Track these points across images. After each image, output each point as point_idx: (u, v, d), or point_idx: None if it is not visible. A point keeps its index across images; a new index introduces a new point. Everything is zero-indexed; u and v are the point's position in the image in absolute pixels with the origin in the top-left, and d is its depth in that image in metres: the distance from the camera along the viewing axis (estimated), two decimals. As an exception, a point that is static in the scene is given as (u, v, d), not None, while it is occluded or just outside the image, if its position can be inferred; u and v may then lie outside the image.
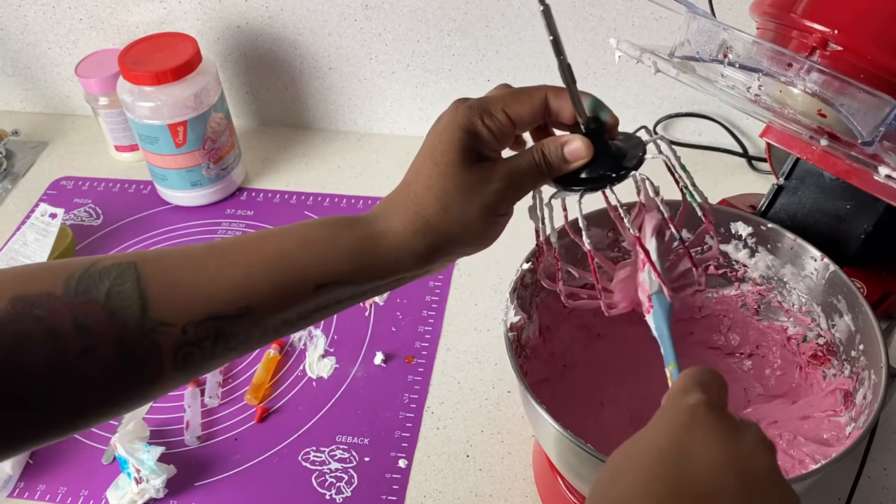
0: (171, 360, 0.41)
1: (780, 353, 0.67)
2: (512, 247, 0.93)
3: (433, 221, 0.43)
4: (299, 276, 0.43)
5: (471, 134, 0.43)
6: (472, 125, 0.43)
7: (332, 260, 0.43)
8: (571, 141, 0.44)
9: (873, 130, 0.51)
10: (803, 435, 0.60)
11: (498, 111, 0.44)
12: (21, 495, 0.69)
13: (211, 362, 0.43)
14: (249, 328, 0.43)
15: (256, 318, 0.42)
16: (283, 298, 0.43)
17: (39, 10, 1.02)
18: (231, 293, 0.42)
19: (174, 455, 0.71)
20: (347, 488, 0.68)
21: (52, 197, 1.00)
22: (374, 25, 0.96)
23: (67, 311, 0.39)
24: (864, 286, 0.61)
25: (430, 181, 0.43)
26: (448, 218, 0.43)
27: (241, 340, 0.43)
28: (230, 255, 0.43)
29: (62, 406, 0.40)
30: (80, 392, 0.40)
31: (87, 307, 0.39)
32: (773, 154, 0.73)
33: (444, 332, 0.81)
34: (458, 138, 0.43)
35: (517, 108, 0.44)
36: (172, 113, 0.88)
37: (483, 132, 0.43)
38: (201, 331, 0.41)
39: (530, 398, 0.52)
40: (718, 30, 0.55)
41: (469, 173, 0.43)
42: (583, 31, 0.92)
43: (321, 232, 0.44)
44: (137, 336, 0.40)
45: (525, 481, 0.68)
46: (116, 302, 0.40)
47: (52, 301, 0.39)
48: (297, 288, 0.43)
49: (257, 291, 0.42)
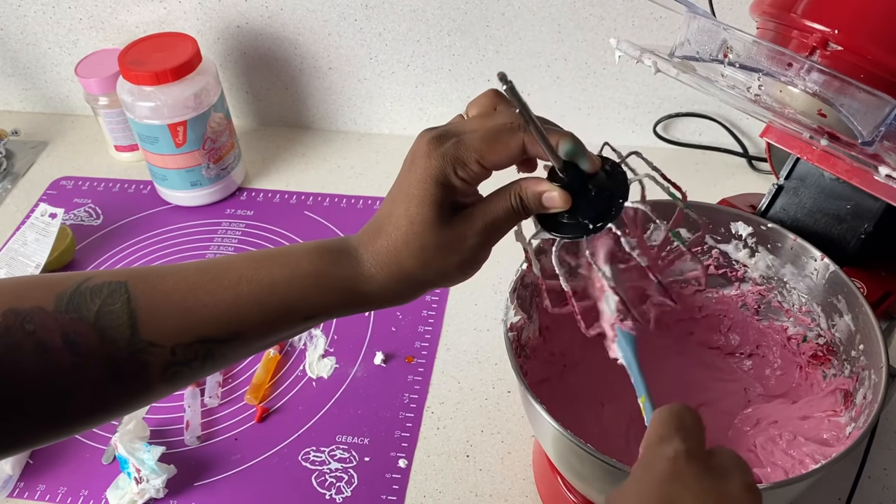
0: (159, 377, 0.42)
1: (780, 353, 0.67)
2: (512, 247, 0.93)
3: (415, 274, 0.45)
4: (289, 308, 0.44)
5: (445, 187, 0.43)
6: (446, 178, 0.43)
7: (321, 296, 0.44)
8: (550, 190, 0.44)
9: (873, 130, 0.51)
10: (803, 435, 0.60)
11: (472, 162, 0.43)
12: (21, 495, 0.69)
13: (199, 376, 0.44)
14: (237, 350, 0.44)
15: (245, 341, 0.44)
16: (273, 327, 0.44)
17: (39, 10, 1.02)
18: (220, 319, 0.43)
19: (174, 455, 0.71)
20: (347, 488, 0.68)
21: (52, 197, 1.00)
22: (374, 25, 0.96)
23: (57, 327, 0.40)
24: (864, 286, 0.61)
25: (407, 238, 0.43)
26: (429, 272, 0.45)
27: (229, 359, 0.45)
28: (221, 279, 0.43)
29: (50, 415, 0.41)
30: (68, 402, 0.41)
31: (77, 325, 0.40)
32: (773, 154, 0.73)
33: (444, 332, 0.81)
34: (432, 193, 0.43)
35: (492, 159, 0.43)
36: (172, 113, 0.88)
37: (457, 184, 0.43)
38: (190, 352, 0.42)
39: (530, 398, 0.52)
40: (718, 30, 0.55)
41: (445, 230, 0.43)
42: (583, 31, 0.92)
43: (312, 265, 0.44)
44: (126, 355, 0.41)
45: (525, 481, 0.68)
46: (106, 321, 0.41)
47: (42, 317, 0.40)
48: (286, 318, 0.44)
49: (247, 319, 0.43)
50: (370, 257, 0.45)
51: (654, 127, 1.00)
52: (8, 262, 0.85)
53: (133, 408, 0.44)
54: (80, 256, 0.91)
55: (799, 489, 0.51)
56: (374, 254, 0.45)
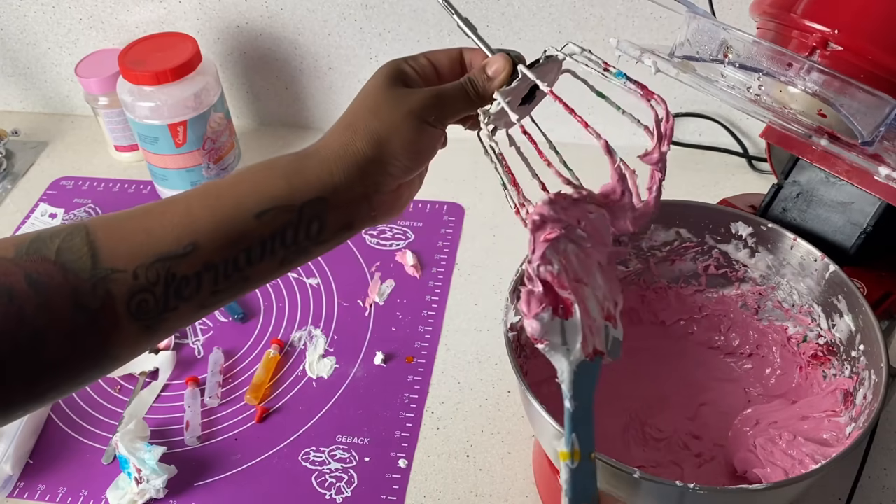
0: (125, 308, 0.41)
1: (780, 353, 0.67)
2: (512, 247, 0.93)
3: (361, 126, 0.46)
4: (238, 205, 0.44)
5: (397, 71, 0.48)
6: (398, 66, 0.48)
7: (266, 184, 0.45)
8: (491, 62, 0.48)
9: (873, 130, 0.51)
10: (803, 435, 0.60)
11: (419, 57, 0.49)
12: (21, 495, 0.69)
13: (167, 315, 0.43)
14: (198, 269, 0.43)
15: (203, 256, 0.43)
16: (226, 231, 0.43)
17: (39, 10, 1.02)
18: (175, 231, 0.43)
19: (174, 455, 0.71)
20: (347, 488, 0.68)
21: (52, 197, 1.00)
22: (374, 25, 0.96)
23: (19, 270, 0.40)
24: (864, 286, 0.61)
25: (362, 102, 0.47)
26: (376, 120, 0.45)
27: (192, 288, 0.43)
28: (174, 201, 0.44)
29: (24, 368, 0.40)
30: (40, 349, 0.40)
31: (39, 264, 0.40)
32: (773, 154, 0.73)
33: (444, 332, 0.81)
34: (384, 74, 0.47)
35: (437, 55, 0.49)
36: (172, 113, 0.88)
37: (408, 70, 0.48)
38: (151, 273, 0.42)
39: (530, 398, 0.52)
40: (718, 30, 0.55)
41: (396, 89, 0.47)
42: (583, 31, 0.92)
43: (259, 165, 0.46)
44: (89, 287, 0.41)
45: (525, 481, 0.68)
46: (67, 256, 0.41)
47: (3, 264, 0.40)
48: (237, 217, 0.44)
49: (201, 227, 0.43)
50: (319, 140, 0.47)
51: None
52: (8, 262, 0.85)
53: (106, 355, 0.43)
54: (80, 256, 0.91)
55: (799, 489, 0.51)
56: (324, 134, 0.47)
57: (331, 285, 0.86)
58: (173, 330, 0.45)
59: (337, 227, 0.46)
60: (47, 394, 0.42)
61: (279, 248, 0.45)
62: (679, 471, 0.63)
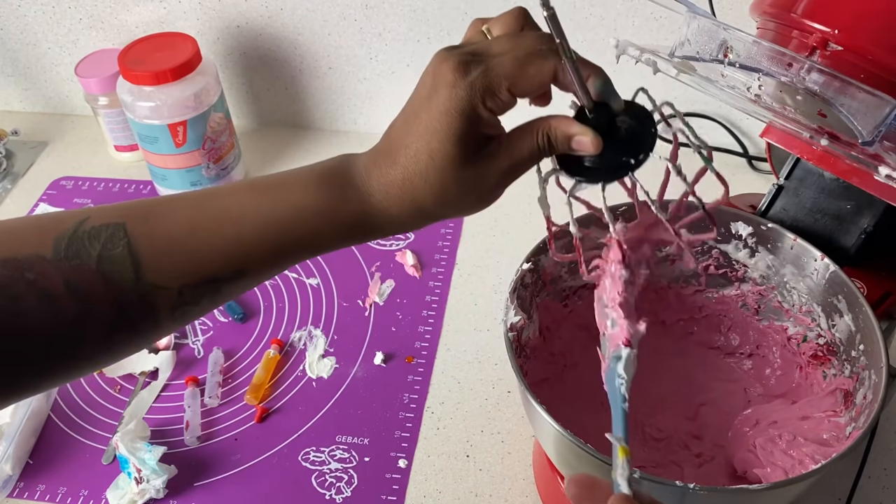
0: (168, 317, 0.42)
1: (780, 353, 0.67)
2: (512, 247, 0.93)
3: (429, 210, 0.43)
4: (295, 244, 0.43)
5: (471, 120, 0.40)
6: (473, 110, 0.40)
7: (329, 232, 0.43)
8: (581, 134, 0.41)
9: (873, 130, 0.51)
10: (803, 435, 0.60)
11: (503, 91, 0.40)
12: (21, 495, 0.69)
13: (207, 312, 0.45)
14: (242, 286, 0.44)
15: (250, 277, 0.44)
16: (277, 262, 0.44)
17: (39, 10, 1.02)
18: (225, 258, 0.42)
19: (174, 455, 0.71)
20: (347, 488, 0.68)
21: (52, 197, 1.00)
22: (374, 25, 0.96)
23: (59, 274, 0.39)
24: (864, 286, 0.61)
25: (426, 174, 0.41)
26: (446, 208, 0.43)
27: (234, 295, 0.45)
28: (222, 219, 0.42)
29: (60, 362, 0.41)
30: (78, 348, 0.41)
31: (79, 272, 0.40)
32: (773, 154, 0.73)
33: (444, 332, 0.81)
34: (457, 128, 0.40)
35: (523, 86, 0.40)
36: (172, 113, 0.88)
37: (484, 115, 0.40)
38: (197, 293, 0.42)
39: (530, 398, 0.52)
40: (718, 30, 0.55)
41: (468, 168, 0.41)
42: (583, 30, 0.92)
43: (317, 201, 0.43)
44: (133, 298, 0.41)
45: (525, 481, 0.68)
46: (108, 265, 0.40)
47: (43, 265, 0.39)
48: (292, 254, 0.44)
49: (252, 257, 0.43)
50: (381, 188, 0.43)
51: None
52: (8, 262, 0.85)
53: (139, 348, 0.44)
54: (80, 256, 0.91)
55: (799, 489, 0.51)
56: (387, 186, 0.43)
57: (331, 285, 0.86)
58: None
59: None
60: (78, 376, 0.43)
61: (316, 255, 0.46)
62: (679, 471, 0.63)
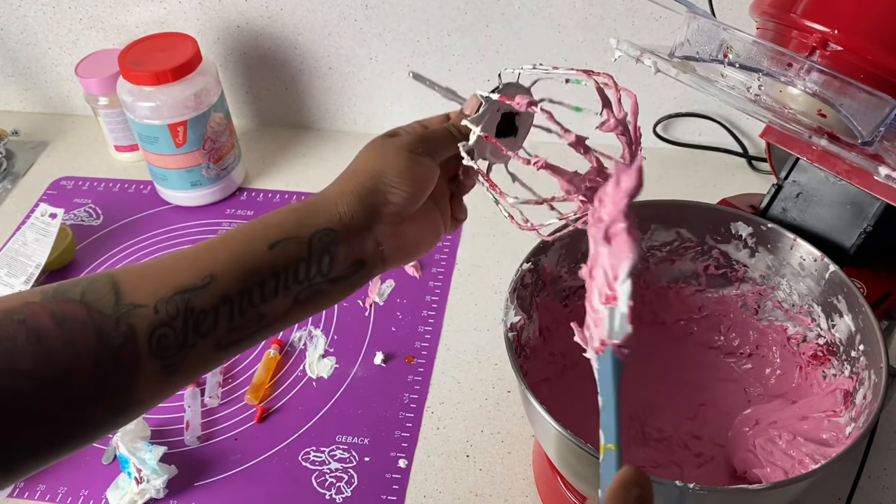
0: (146, 344, 0.43)
1: (780, 353, 0.67)
2: (512, 247, 0.93)
3: (361, 167, 0.51)
4: (252, 238, 0.47)
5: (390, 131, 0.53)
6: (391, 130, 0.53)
7: (278, 218, 0.48)
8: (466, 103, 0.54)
9: (873, 130, 0.51)
10: (803, 435, 0.60)
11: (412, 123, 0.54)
12: (21, 495, 0.69)
13: (186, 352, 0.44)
14: (215, 303, 0.45)
15: (220, 288, 0.45)
16: (241, 262, 0.46)
17: (39, 10, 1.02)
18: (195, 266, 0.45)
19: (174, 455, 0.71)
20: (347, 488, 0.68)
21: (52, 197, 1.00)
22: (374, 25, 0.96)
23: (45, 311, 0.41)
24: (864, 286, 0.61)
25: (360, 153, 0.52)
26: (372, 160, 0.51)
27: (210, 323, 0.45)
28: (196, 244, 0.47)
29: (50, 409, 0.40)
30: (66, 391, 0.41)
31: (65, 304, 0.42)
32: (773, 154, 0.73)
33: (444, 332, 0.81)
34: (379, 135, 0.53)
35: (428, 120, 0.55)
36: (172, 113, 0.88)
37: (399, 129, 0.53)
38: (171, 306, 0.43)
39: (530, 398, 0.52)
40: (718, 30, 0.55)
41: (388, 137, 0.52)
42: (583, 31, 0.92)
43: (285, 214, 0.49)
44: (112, 322, 0.42)
45: (525, 481, 0.68)
46: (91, 296, 0.43)
47: (31, 307, 0.41)
48: (251, 250, 0.46)
49: (219, 260, 0.45)
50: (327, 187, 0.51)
51: (654, 127, 1.00)
52: (8, 262, 0.85)
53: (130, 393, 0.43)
54: (80, 256, 0.91)
55: (799, 489, 0.51)
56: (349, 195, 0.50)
57: (331, 285, 0.86)
58: (192, 373, 0.46)
59: (348, 262, 0.49)
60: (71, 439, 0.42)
61: (292, 284, 0.47)
62: (679, 471, 0.63)
